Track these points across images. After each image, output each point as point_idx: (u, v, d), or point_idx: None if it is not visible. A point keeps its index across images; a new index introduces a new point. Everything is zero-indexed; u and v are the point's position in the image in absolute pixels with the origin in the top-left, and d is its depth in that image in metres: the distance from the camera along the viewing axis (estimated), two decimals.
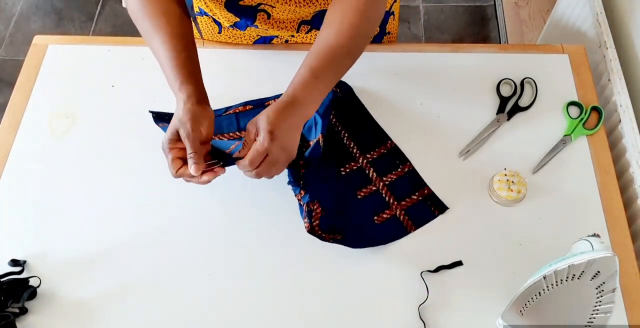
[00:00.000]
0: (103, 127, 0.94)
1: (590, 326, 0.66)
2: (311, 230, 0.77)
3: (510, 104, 0.94)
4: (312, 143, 0.82)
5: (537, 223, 0.83)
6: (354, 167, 0.87)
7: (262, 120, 0.68)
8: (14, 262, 0.81)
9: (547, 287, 0.64)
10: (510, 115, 0.92)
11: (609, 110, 0.97)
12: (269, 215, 0.85)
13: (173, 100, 0.82)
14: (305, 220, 0.78)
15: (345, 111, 0.92)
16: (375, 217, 0.83)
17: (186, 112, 0.69)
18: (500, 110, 0.93)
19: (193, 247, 0.83)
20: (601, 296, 0.63)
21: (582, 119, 0.90)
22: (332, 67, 0.72)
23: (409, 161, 0.88)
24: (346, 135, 0.89)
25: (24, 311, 0.77)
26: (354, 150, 0.88)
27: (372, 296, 0.78)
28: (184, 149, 0.69)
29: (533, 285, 0.65)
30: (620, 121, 0.93)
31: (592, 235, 0.68)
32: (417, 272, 0.79)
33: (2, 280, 0.77)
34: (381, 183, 0.85)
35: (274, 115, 0.68)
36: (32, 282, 0.79)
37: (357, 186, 0.85)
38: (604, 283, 0.62)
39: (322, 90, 0.72)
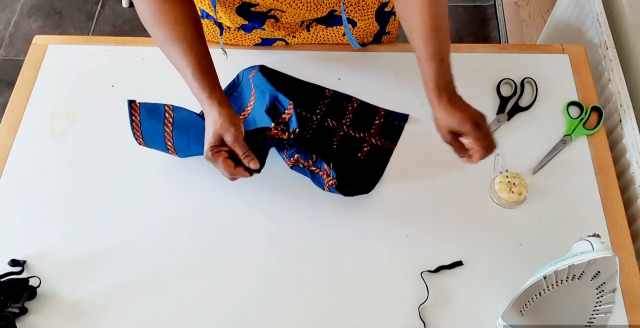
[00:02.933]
0: (103, 127, 0.94)
1: (590, 326, 0.66)
2: (339, 186, 0.80)
3: (511, 104, 0.94)
4: (285, 115, 0.84)
5: (537, 224, 0.83)
6: (313, 126, 0.90)
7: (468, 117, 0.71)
8: (14, 262, 0.81)
9: (548, 287, 0.64)
10: (511, 115, 0.92)
11: (609, 110, 0.97)
12: (269, 215, 0.85)
13: (173, 101, 0.82)
14: (329, 178, 0.80)
15: (277, 79, 0.94)
16: (359, 154, 0.88)
17: (225, 118, 0.72)
18: (501, 110, 0.93)
19: (193, 247, 0.83)
20: (601, 296, 0.63)
21: (582, 119, 0.90)
22: (443, 44, 0.73)
23: (352, 97, 0.94)
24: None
25: (23, 311, 0.77)
26: (305, 113, 0.91)
27: (372, 296, 0.78)
28: (228, 152, 0.73)
29: (533, 285, 0.65)
30: (620, 121, 0.93)
31: (592, 235, 0.68)
32: (417, 272, 0.79)
33: (2, 280, 0.77)
34: (344, 126, 0.91)
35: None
36: (32, 282, 0.79)
37: (328, 138, 0.89)
38: (604, 283, 0.62)
39: (450, 68, 0.74)
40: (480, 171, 0.87)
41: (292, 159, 0.81)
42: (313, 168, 0.81)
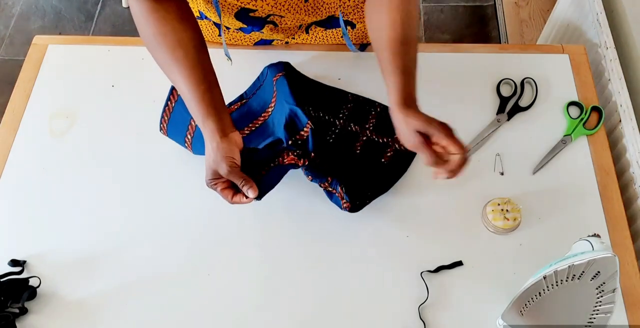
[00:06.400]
0: (103, 127, 0.94)
1: (590, 326, 0.66)
2: (353, 209, 0.80)
3: (511, 104, 0.94)
4: (303, 132, 0.82)
5: (537, 223, 0.83)
6: (336, 131, 0.89)
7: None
8: (14, 262, 0.81)
9: (548, 287, 0.64)
10: (511, 115, 0.92)
11: (609, 110, 0.97)
12: (270, 215, 0.85)
13: None
14: (344, 201, 0.80)
15: (299, 86, 0.92)
16: (382, 159, 0.87)
17: (217, 150, 0.70)
18: (501, 110, 0.93)
19: (193, 247, 0.83)
20: (601, 296, 0.63)
21: (582, 119, 0.90)
22: (411, 59, 0.75)
23: (376, 102, 0.93)
24: (310, 109, 0.90)
25: (24, 311, 0.77)
26: (328, 118, 0.90)
27: (372, 296, 0.78)
28: (227, 181, 0.71)
29: (533, 285, 0.65)
30: (620, 121, 0.93)
31: (592, 235, 0.68)
32: (417, 272, 0.79)
33: (2, 280, 0.77)
34: (367, 131, 0.89)
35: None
36: (32, 282, 0.79)
37: (351, 144, 0.88)
38: (604, 283, 0.62)
39: (415, 81, 0.75)
40: (480, 171, 0.87)
41: (308, 177, 0.80)
42: (330, 189, 0.81)
